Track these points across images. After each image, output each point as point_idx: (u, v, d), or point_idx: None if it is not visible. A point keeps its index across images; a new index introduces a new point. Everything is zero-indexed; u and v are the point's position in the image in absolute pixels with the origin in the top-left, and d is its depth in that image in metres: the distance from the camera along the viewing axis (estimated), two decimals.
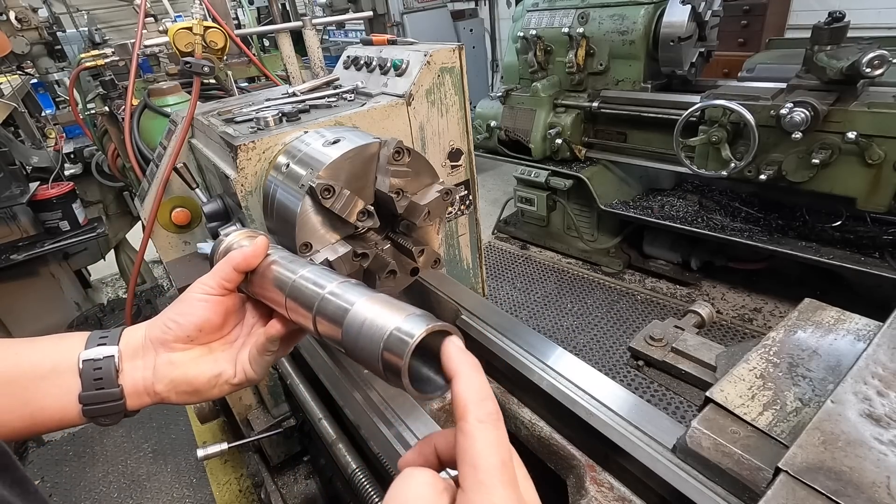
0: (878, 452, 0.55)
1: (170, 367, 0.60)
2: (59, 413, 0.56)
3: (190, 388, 0.62)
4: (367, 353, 0.49)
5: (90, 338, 0.60)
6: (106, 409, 0.58)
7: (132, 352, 0.60)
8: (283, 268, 0.65)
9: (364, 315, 0.51)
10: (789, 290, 3.15)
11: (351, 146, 0.91)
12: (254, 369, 0.65)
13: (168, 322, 0.61)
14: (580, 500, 0.75)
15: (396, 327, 0.46)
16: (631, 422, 0.79)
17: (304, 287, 0.60)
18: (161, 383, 0.60)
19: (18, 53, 2.82)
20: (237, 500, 2.47)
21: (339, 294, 0.57)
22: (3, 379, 0.54)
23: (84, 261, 3.28)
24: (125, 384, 0.59)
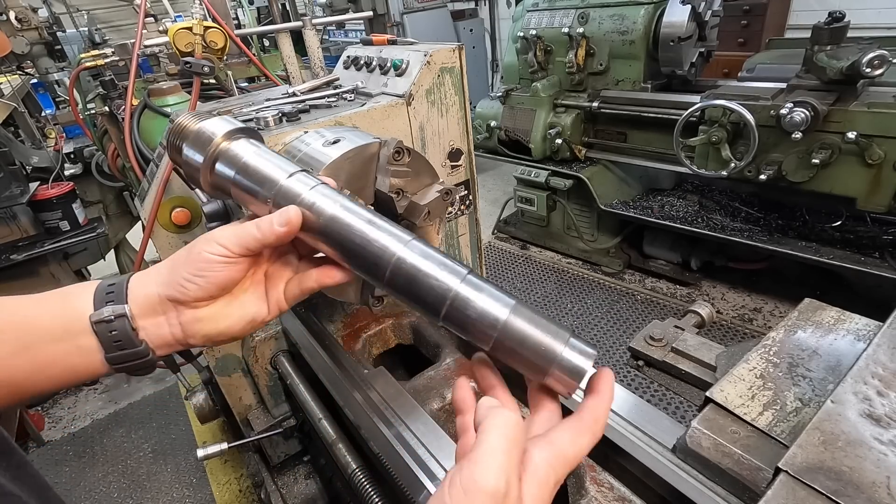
0: (878, 452, 0.55)
1: (200, 324, 0.58)
2: (91, 369, 0.56)
3: (226, 336, 0.60)
4: (524, 364, 0.51)
5: (97, 294, 0.56)
6: (135, 365, 0.56)
7: (149, 309, 0.57)
8: (358, 235, 0.55)
9: (522, 333, 0.50)
10: (789, 290, 3.15)
11: (351, 146, 0.91)
12: (289, 303, 0.62)
13: (184, 283, 0.56)
14: (580, 500, 0.75)
15: (560, 361, 0.50)
16: (631, 422, 0.79)
17: (420, 277, 0.52)
18: (195, 338, 0.58)
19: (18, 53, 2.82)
20: (237, 500, 2.47)
21: (474, 301, 0.51)
22: (21, 345, 0.53)
23: (84, 261, 3.27)
24: (150, 340, 0.57)
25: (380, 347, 1.27)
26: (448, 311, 0.52)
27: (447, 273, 0.52)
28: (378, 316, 1.26)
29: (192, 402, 1.71)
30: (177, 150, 0.61)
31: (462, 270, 0.53)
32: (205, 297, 0.57)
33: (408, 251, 0.53)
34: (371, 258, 0.54)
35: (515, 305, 0.51)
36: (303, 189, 0.57)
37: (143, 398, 3.14)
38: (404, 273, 0.53)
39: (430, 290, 0.52)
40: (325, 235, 0.56)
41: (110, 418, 3.03)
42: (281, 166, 0.59)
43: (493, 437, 0.44)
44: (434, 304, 0.52)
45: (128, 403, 3.12)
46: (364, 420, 0.92)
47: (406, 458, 0.82)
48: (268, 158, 0.60)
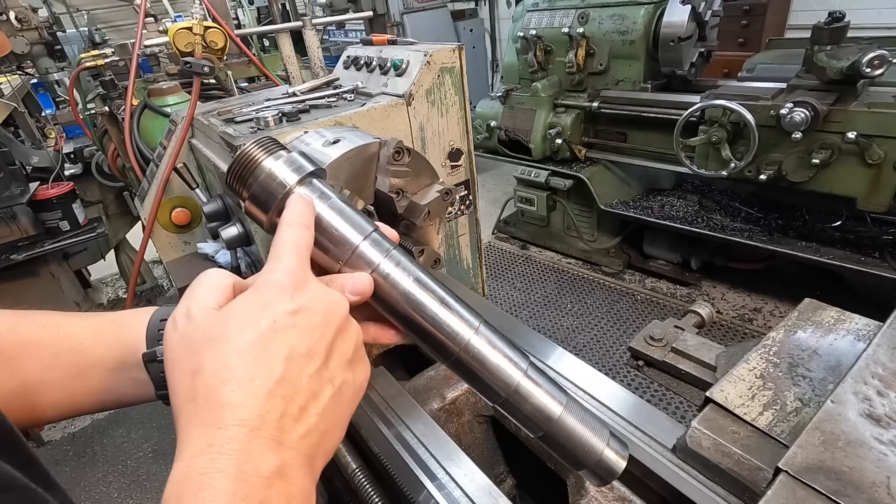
0: (878, 452, 0.55)
1: None
2: (142, 398, 0.57)
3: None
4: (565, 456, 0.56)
5: (150, 329, 0.56)
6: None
7: None
8: (430, 317, 0.55)
9: (570, 431, 0.55)
10: (789, 290, 3.15)
11: (351, 146, 0.91)
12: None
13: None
14: (580, 500, 0.75)
15: (600, 459, 0.55)
16: (631, 422, 0.79)
17: (486, 366, 0.54)
18: None
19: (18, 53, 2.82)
20: None
21: (533, 395, 0.55)
22: (76, 371, 0.54)
23: (84, 261, 3.27)
24: None
25: (380, 347, 1.27)
26: (506, 402, 0.55)
27: (511, 366, 0.55)
28: None
29: None
30: (241, 184, 0.57)
31: (523, 364, 0.55)
32: None
33: (477, 338, 0.55)
34: (439, 341, 0.55)
35: (568, 403, 0.55)
36: (378, 257, 0.55)
37: None
38: (470, 360, 0.55)
39: (493, 380, 0.55)
40: (394, 310, 0.56)
41: (110, 418, 3.03)
42: (357, 224, 0.56)
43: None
44: (495, 394, 0.55)
45: None
46: (364, 420, 0.92)
47: (406, 458, 0.82)
48: (342, 212, 0.57)
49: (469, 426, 1.05)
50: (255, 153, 0.57)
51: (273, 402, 0.39)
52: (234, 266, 1.31)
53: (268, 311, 0.42)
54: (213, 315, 0.42)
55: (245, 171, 0.56)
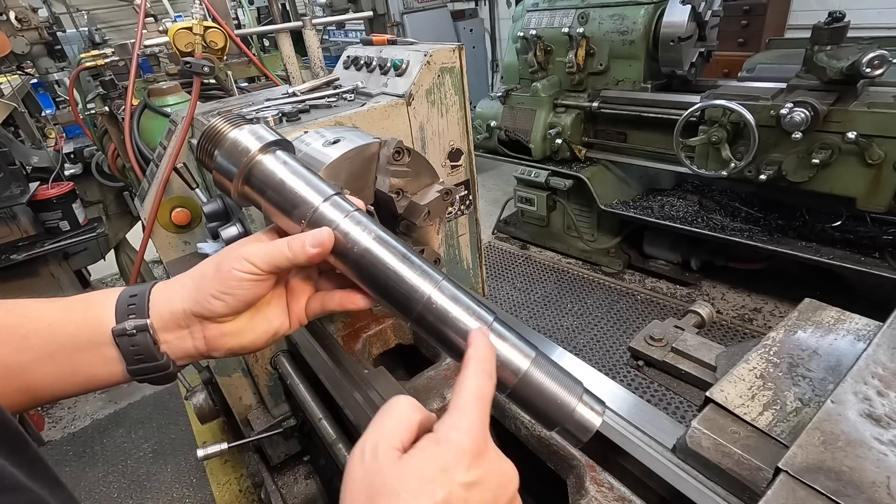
0: (878, 452, 0.55)
1: (224, 339, 0.58)
2: (112, 378, 0.57)
3: (249, 349, 0.61)
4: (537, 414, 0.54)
5: (119, 305, 0.57)
6: (155, 377, 0.58)
7: (173, 323, 0.57)
8: (392, 271, 0.55)
9: (539, 385, 0.53)
10: (789, 290, 3.15)
11: (351, 146, 0.91)
12: (309, 318, 0.64)
13: (211, 301, 0.56)
14: (580, 500, 0.75)
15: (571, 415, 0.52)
16: (631, 422, 0.79)
17: (448, 319, 0.54)
18: (218, 351, 0.59)
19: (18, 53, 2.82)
20: (237, 500, 2.47)
21: (498, 349, 0.53)
22: (46, 352, 0.54)
23: (84, 261, 3.27)
24: (172, 352, 0.58)
25: (380, 347, 1.27)
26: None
27: (474, 319, 0.54)
28: (378, 316, 1.26)
29: (192, 402, 1.71)
30: (208, 155, 0.60)
31: (488, 317, 0.54)
32: (231, 313, 0.57)
33: (438, 293, 0.54)
34: (401, 296, 0.55)
35: (536, 357, 0.53)
36: (338, 216, 0.57)
37: (143, 398, 3.14)
38: (433, 314, 0.54)
39: (458, 333, 0.54)
40: (357, 267, 0.56)
41: (110, 418, 3.03)
42: (317, 187, 0.58)
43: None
44: (460, 348, 0.53)
45: (128, 403, 3.12)
46: (364, 420, 0.92)
47: None
48: (301, 177, 0.59)
49: None
50: (221, 125, 0.59)
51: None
52: None
53: (445, 479, 0.42)
54: (395, 462, 0.43)
55: (211, 143, 0.59)
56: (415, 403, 0.48)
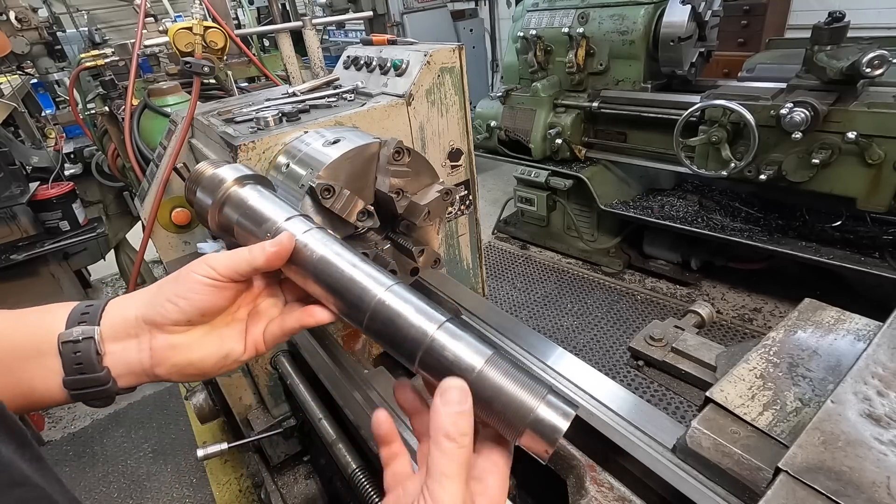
0: (878, 452, 0.55)
1: (171, 351, 0.55)
2: (48, 394, 0.53)
3: (195, 370, 0.57)
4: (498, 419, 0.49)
5: (72, 313, 0.55)
6: (91, 393, 0.54)
7: (122, 331, 0.55)
8: (346, 276, 0.56)
9: (495, 385, 0.49)
10: (789, 290, 3.15)
11: (351, 146, 0.91)
12: (267, 345, 0.60)
13: (166, 304, 0.54)
14: (580, 500, 0.75)
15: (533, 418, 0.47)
16: (631, 422, 0.79)
17: (398, 320, 0.52)
18: (162, 367, 0.55)
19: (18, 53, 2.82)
20: (237, 500, 2.47)
21: (450, 348, 0.50)
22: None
23: (84, 261, 3.27)
24: (114, 366, 0.54)
25: (380, 347, 1.27)
26: (423, 356, 0.51)
27: (424, 319, 0.52)
28: None
29: (192, 402, 1.71)
30: (192, 193, 0.68)
31: (440, 317, 0.52)
32: (183, 320, 0.55)
33: (389, 294, 0.53)
34: (353, 299, 0.55)
35: (492, 356, 0.50)
36: (298, 230, 0.59)
37: (143, 398, 3.14)
38: (383, 316, 0.53)
39: (407, 333, 0.51)
40: (315, 274, 0.57)
41: (110, 418, 3.03)
42: (282, 209, 0.62)
43: (442, 462, 0.44)
44: (410, 350, 0.51)
45: (128, 403, 3.12)
46: (364, 420, 0.92)
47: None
48: (271, 201, 0.64)
49: None
50: (204, 167, 0.69)
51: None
52: None
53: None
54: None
55: (194, 182, 0.69)
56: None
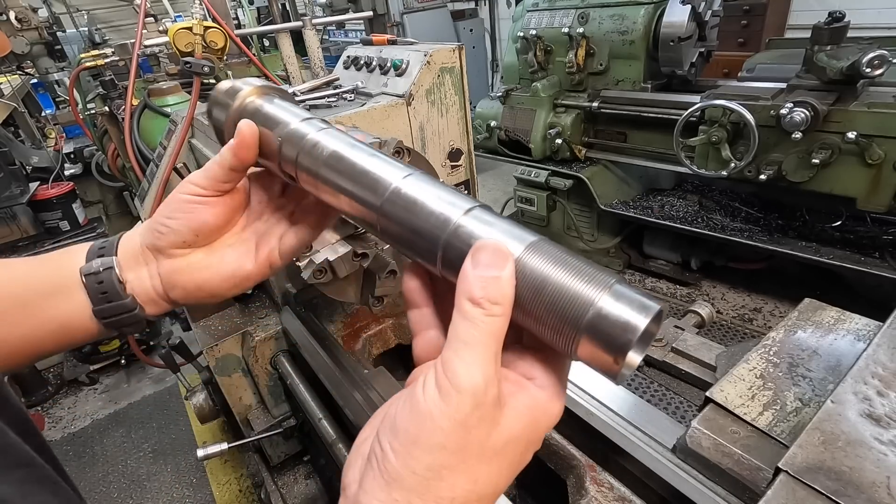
0: (878, 452, 0.55)
1: (177, 275, 0.55)
2: (82, 327, 0.55)
3: (205, 292, 0.57)
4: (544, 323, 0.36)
5: (90, 250, 0.56)
6: (122, 320, 0.55)
7: (133, 260, 0.56)
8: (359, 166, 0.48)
9: (539, 276, 0.36)
10: (789, 290, 3.15)
11: None
12: (283, 257, 0.57)
13: (158, 227, 0.55)
14: (580, 500, 0.75)
15: (591, 311, 0.33)
16: (631, 422, 0.79)
17: (416, 208, 0.42)
18: (174, 291, 0.56)
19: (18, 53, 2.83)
20: (237, 500, 2.47)
21: (479, 234, 0.39)
22: (21, 300, 0.54)
23: None
24: (136, 294, 0.55)
25: (380, 347, 1.27)
26: (445, 250, 0.39)
27: (448, 206, 0.41)
28: (378, 316, 1.26)
29: (192, 402, 1.71)
30: (210, 109, 0.60)
31: (467, 203, 0.41)
32: (179, 241, 0.55)
33: (407, 181, 0.44)
34: (366, 189, 0.46)
35: (537, 241, 0.38)
36: (310, 130, 0.51)
37: (143, 398, 3.14)
38: (399, 206, 0.43)
39: (427, 222, 0.41)
40: (325, 170, 0.50)
41: (110, 418, 3.03)
42: (297, 114, 0.54)
43: (464, 329, 0.35)
44: (430, 244, 0.41)
45: (128, 403, 3.12)
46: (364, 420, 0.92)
47: None
48: (287, 108, 0.55)
49: None
50: (224, 83, 0.60)
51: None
52: None
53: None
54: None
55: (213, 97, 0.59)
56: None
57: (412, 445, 0.34)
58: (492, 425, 0.35)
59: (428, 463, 0.33)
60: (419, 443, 0.34)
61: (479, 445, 0.35)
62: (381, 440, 0.36)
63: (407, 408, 0.35)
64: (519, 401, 0.37)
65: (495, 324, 0.35)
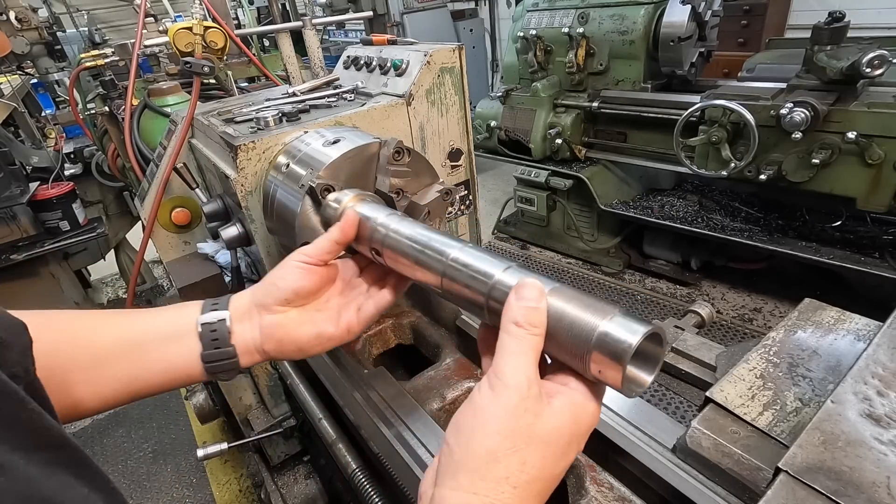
0: (878, 452, 0.55)
1: (275, 329, 0.67)
2: (186, 370, 0.65)
3: (294, 346, 0.68)
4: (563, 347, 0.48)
5: (204, 305, 0.68)
6: (223, 365, 0.65)
7: (240, 315, 0.67)
8: (418, 245, 0.65)
9: (559, 311, 0.48)
10: (789, 290, 3.15)
11: (351, 146, 0.91)
12: (361, 324, 0.71)
13: (269, 286, 0.68)
14: (580, 500, 0.75)
15: (604, 332, 0.44)
16: (631, 422, 0.79)
17: (465, 273, 0.58)
18: (269, 343, 0.67)
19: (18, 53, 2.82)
20: (237, 500, 2.47)
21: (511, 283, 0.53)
22: (139, 341, 0.63)
23: (84, 261, 3.27)
24: (237, 344, 0.66)
25: (380, 347, 1.27)
26: (490, 295, 0.54)
27: (492, 265, 0.56)
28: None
29: (192, 402, 1.71)
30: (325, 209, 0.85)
31: (504, 264, 0.56)
32: (282, 299, 0.67)
33: (458, 252, 0.61)
34: (426, 262, 0.64)
35: (558, 286, 0.50)
36: (391, 221, 0.71)
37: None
38: (455, 269, 0.59)
39: (475, 282, 0.56)
40: (391, 248, 0.68)
41: (110, 418, 3.03)
42: (383, 210, 0.76)
43: (510, 343, 0.46)
44: (476, 297, 0.56)
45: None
46: (364, 420, 0.92)
47: (406, 458, 0.82)
48: (376, 207, 0.76)
49: None
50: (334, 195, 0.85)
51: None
52: (234, 266, 1.31)
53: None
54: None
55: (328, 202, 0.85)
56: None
57: (472, 435, 0.43)
58: (536, 416, 0.43)
59: (486, 447, 0.42)
60: (477, 431, 0.42)
61: (527, 432, 0.43)
62: (448, 440, 0.45)
63: (468, 409, 0.45)
64: (558, 399, 0.46)
65: (534, 340, 0.46)
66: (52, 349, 0.58)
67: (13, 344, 0.40)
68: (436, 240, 0.64)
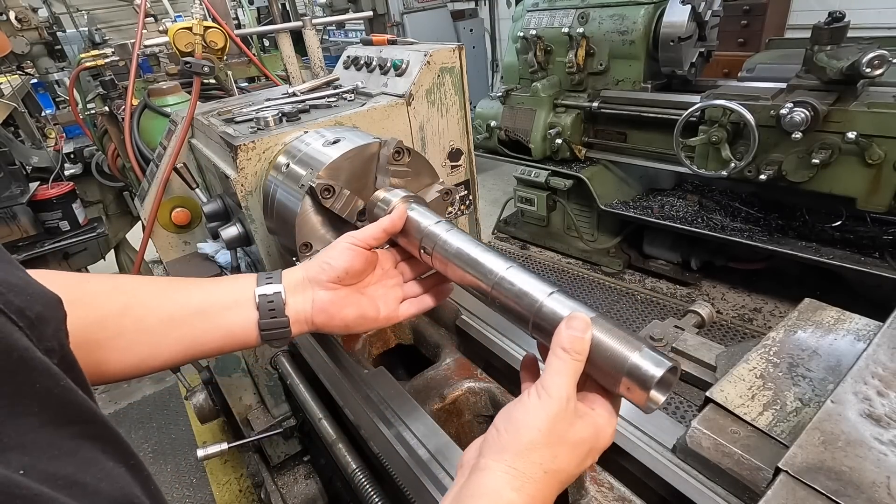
0: (878, 452, 0.55)
1: (326, 303, 0.73)
2: (243, 336, 0.71)
3: (342, 322, 0.74)
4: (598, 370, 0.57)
5: (259, 278, 0.73)
6: (277, 333, 0.71)
7: (293, 288, 0.73)
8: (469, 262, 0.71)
9: (596, 340, 0.56)
10: (789, 290, 3.15)
11: (351, 146, 0.91)
12: (402, 315, 0.79)
13: (322, 264, 0.74)
14: (580, 500, 0.75)
15: (635, 364, 0.53)
16: (631, 422, 0.79)
17: (515, 291, 0.65)
18: (320, 316, 0.73)
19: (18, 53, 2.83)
20: (237, 500, 2.47)
21: (558, 311, 0.60)
22: (201, 308, 0.69)
23: (84, 261, 3.27)
24: (290, 314, 0.72)
25: (380, 347, 1.27)
26: (535, 323, 0.62)
27: (538, 289, 0.63)
28: None
29: (192, 402, 1.71)
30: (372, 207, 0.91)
31: (549, 288, 0.63)
32: (334, 276, 0.73)
33: (509, 271, 0.67)
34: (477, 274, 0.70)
35: (595, 317, 0.58)
36: (441, 230, 0.77)
37: (143, 398, 3.14)
38: (504, 287, 0.66)
39: (523, 303, 0.63)
40: (446, 257, 0.74)
41: (110, 418, 3.01)
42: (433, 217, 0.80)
43: (557, 364, 0.55)
44: (525, 312, 0.63)
45: (128, 403, 3.12)
46: (364, 420, 0.92)
47: (406, 458, 0.82)
48: (425, 213, 0.81)
49: (469, 426, 1.05)
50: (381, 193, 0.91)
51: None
52: (234, 266, 1.31)
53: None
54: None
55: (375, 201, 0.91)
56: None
57: (520, 426, 0.53)
58: (570, 425, 0.54)
59: (530, 437, 0.52)
60: (523, 424, 0.53)
61: (560, 435, 0.53)
62: (498, 424, 0.55)
63: (519, 405, 0.55)
64: (587, 418, 0.56)
65: (577, 365, 0.55)
66: (121, 311, 0.65)
67: (50, 319, 0.40)
68: (487, 257, 0.70)
